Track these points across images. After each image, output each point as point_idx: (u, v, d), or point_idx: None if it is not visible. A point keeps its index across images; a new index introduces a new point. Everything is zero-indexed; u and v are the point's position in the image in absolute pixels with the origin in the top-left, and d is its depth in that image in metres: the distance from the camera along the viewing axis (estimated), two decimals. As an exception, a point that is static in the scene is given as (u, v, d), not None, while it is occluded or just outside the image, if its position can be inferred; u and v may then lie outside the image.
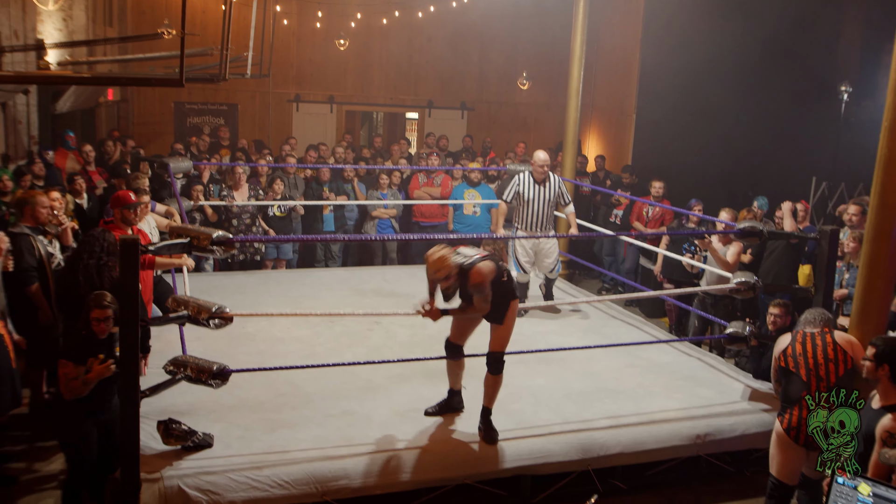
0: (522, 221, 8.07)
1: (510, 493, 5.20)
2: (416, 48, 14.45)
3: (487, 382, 5.21)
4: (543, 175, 7.95)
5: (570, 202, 8.23)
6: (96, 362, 4.41)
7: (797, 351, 4.69)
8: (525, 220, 8.04)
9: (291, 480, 4.69)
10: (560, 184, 8.09)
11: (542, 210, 7.96)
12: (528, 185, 7.96)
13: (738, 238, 6.60)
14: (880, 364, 4.09)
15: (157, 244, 4.97)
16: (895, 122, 4.92)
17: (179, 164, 8.27)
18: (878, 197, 5.05)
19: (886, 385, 4.10)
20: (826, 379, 4.56)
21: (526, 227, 8.03)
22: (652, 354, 7.01)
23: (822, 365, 4.58)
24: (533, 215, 7.98)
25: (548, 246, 8.12)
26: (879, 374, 4.10)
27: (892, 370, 4.08)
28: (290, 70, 13.87)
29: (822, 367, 4.58)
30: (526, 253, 8.09)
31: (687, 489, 5.57)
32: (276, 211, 9.34)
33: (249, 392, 5.68)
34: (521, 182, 8.00)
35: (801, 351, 4.67)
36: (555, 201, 8.04)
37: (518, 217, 8.13)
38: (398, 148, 12.36)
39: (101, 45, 11.51)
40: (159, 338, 6.04)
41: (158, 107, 13.35)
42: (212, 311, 4.84)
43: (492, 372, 5.18)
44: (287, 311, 7.22)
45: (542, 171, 7.93)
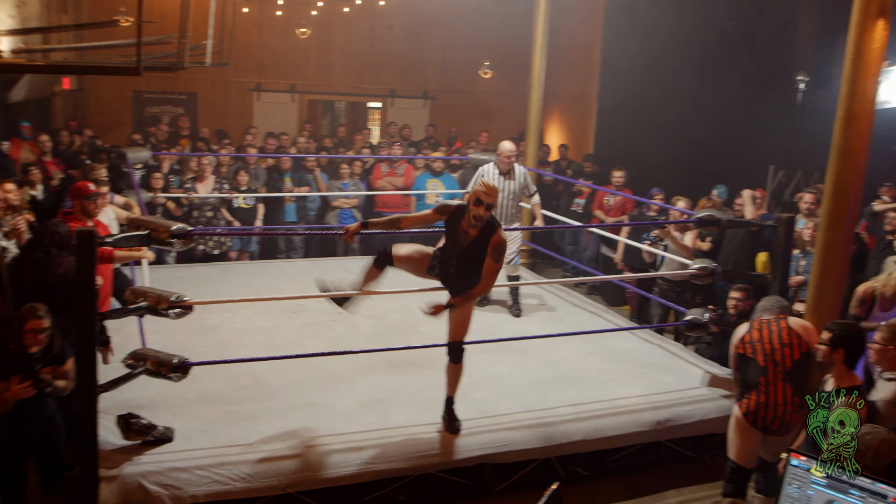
0: None
1: (474, 481, 5.23)
2: (377, 37, 14.37)
3: (449, 371, 5.22)
4: (509, 166, 7.71)
5: (536, 193, 7.99)
6: (16, 380, 4.14)
7: (754, 337, 4.78)
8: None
9: (254, 473, 4.67)
10: (525, 175, 7.87)
11: (505, 202, 7.70)
12: (493, 176, 7.71)
13: (698, 226, 6.67)
14: (836, 348, 4.19)
15: (115, 236, 4.90)
16: (849, 112, 5.02)
17: (138, 154, 8.13)
18: (833, 185, 5.16)
19: (840, 368, 4.21)
20: (782, 363, 4.65)
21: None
22: (613, 342, 7.08)
23: (777, 350, 4.68)
24: (497, 207, 7.62)
25: (509, 238, 7.82)
26: (834, 358, 4.20)
27: (846, 354, 4.18)
28: (251, 58, 13.71)
29: (778, 351, 4.67)
30: None
31: (647, 474, 5.65)
32: (241, 203, 9.25)
33: (211, 385, 5.63)
34: (485, 173, 7.74)
35: (758, 337, 4.76)
36: (520, 193, 7.80)
37: None
38: (361, 137, 12.30)
39: (55, 33, 11.25)
40: (118, 331, 5.95)
41: (116, 96, 13.11)
42: (171, 301, 4.76)
43: (453, 360, 5.19)
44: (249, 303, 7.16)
45: (507, 162, 7.69)
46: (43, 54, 9.71)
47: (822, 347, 4.27)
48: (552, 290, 8.85)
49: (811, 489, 3.19)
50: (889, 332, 4.23)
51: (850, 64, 4.99)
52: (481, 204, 4.81)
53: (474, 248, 4.92)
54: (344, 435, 5.07)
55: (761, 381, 4.65)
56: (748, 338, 4.80)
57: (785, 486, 3.27)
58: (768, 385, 4.64)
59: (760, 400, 4.64)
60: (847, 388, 4.10)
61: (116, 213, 6.96)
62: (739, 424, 4.75)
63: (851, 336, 4.20)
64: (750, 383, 4.74)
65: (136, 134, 11.17)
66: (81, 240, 4.33)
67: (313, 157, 10.14)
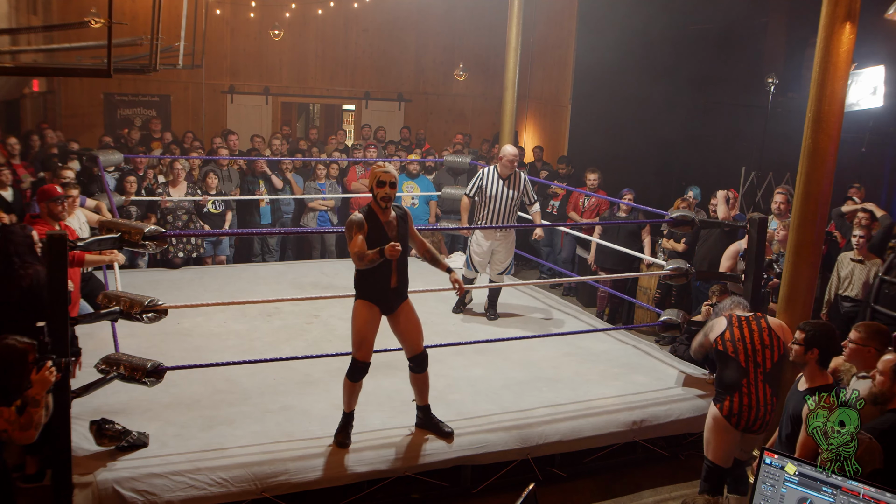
0: (484, 219, 7.53)
1: (451, 483, 5.23)
2: (351, 39, 14.33)
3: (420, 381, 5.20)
4: (511, 170, 7.46)
5: (536, 201, 7.77)
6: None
7: (735, 336, 4.79)
8: (486, 216, 7.51)
9: (230, 478, 4.64)
10: (526, 182, 7.59)
11: (505, 208, 7.47)
12: (493, 180, 7.49)
13: (671, 227, 6.73)
14: (809, 348, 4.22)
15: (86, 239, 4.84)
16: (818, 114, 5.09)
17: (109, 157, 8.07)
18: (803, 186, 5.23)
19: (813, 368, 4.24)
20: (763, 365, 4.70)
21: (486, 223, 7.51)
22: (589, 343, 7.13)
23: (759, 351, 4.72)
24: (495, 212, 7.48)
25: (504, 249, 7.66)
26: (808, 358, 4.23)
27: (820, 354, 4.21)
28: (224, 61, 13.61)
29: (760, 353, 4.72)
30: (481, 251, 7.67)
31: (624, 474, 5.68)
32: (210, 208, 9.17)
33: (185, 389, 5.59)
34: (485, 177, 7.53)
35: (739, 336, 4.78)
36: (520, 199, 7.56)
37: (479, 214, 7.60)
38: (335, 139, 12.27)
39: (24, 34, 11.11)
40: (91, 336, 5.90)
41: (87, 98, 12.94)
42: (144, 305, 4.73)
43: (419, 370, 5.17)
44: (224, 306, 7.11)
45: (510, 167, 7.44)
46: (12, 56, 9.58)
47: (795, 347, 4.29)
48: (528, 291, 8.88)
49: (784, 487, 3.23)
50: (866, 331, 4.27)
51: (819, 67, 5.07)
52: (384, 184, 4.87)
53: (402, 230, 5.02)
54: (320, 438, 5.05)
55: (743, 383, 4.69)
56: (728, 335, 4.81)
57: (759, 485, 3.30)
58: (750, 386, 4.68)
59: (744, 402, 4.67)
60: (819, 387, 4.14)
61: (87, 216, 6.89)
62: (719, 425, 4.77)
63: (825, 336, 4.24)
64: (730, 384, 4.75)
65: (107, 136, 11.04)
66: (52, 243, 4.28)
67: (288, 159, 10.10)
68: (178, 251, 8.97)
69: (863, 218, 6.97)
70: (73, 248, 4.49)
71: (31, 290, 4.68)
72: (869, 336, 4.23)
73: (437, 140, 13.57)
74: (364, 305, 4.96)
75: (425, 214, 9.97)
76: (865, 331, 4.26)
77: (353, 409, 5.08)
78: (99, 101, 12.99)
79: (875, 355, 4.16)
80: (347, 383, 5.02)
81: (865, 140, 10.78)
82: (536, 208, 7.77)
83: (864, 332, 4.26)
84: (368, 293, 4.96)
